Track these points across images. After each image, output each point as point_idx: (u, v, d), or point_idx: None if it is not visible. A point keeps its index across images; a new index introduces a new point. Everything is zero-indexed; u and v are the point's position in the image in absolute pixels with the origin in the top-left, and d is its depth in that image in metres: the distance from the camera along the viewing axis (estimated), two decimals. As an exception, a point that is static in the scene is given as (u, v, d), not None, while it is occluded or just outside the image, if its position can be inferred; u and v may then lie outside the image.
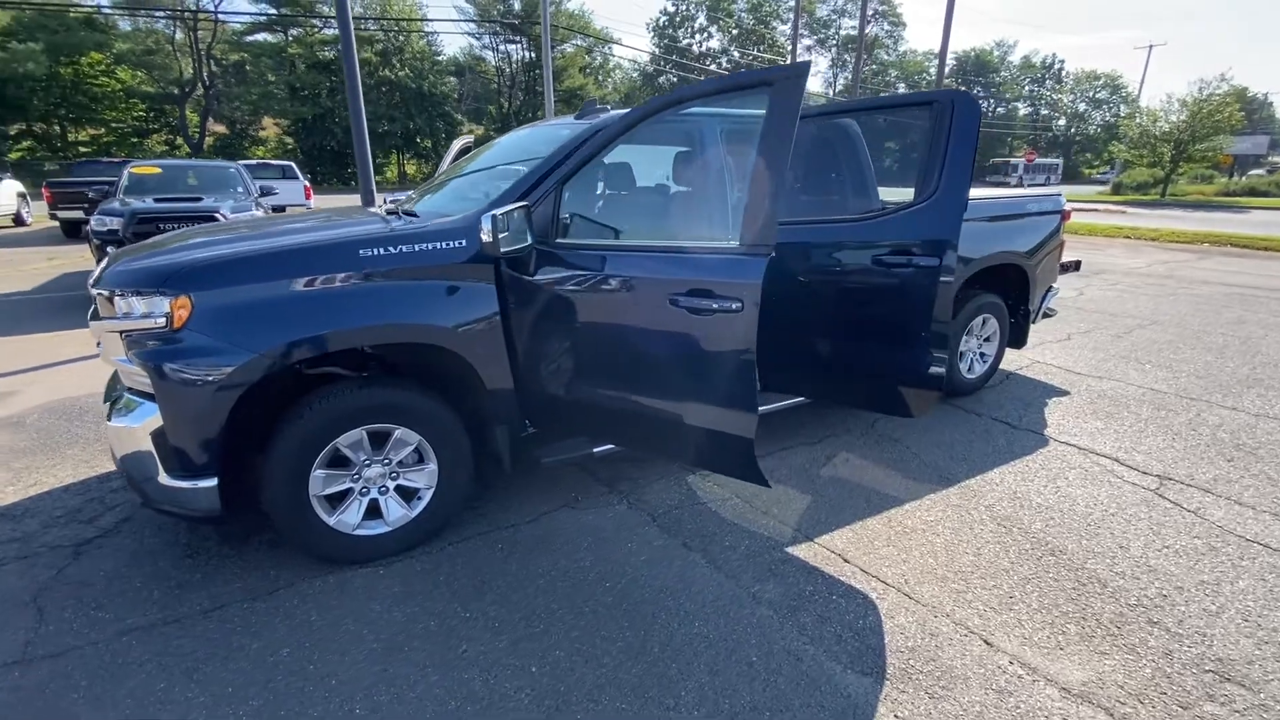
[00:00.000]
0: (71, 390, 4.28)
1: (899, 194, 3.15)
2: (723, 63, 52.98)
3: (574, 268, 2.36)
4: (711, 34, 54.72)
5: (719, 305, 2.04)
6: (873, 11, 56.76)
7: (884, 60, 62.22)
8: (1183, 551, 2.57)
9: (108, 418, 2.26)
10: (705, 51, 53.93)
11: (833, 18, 60.36)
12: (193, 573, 2.40)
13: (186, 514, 2.23)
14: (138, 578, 2.37)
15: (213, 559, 2.48)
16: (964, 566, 2.47)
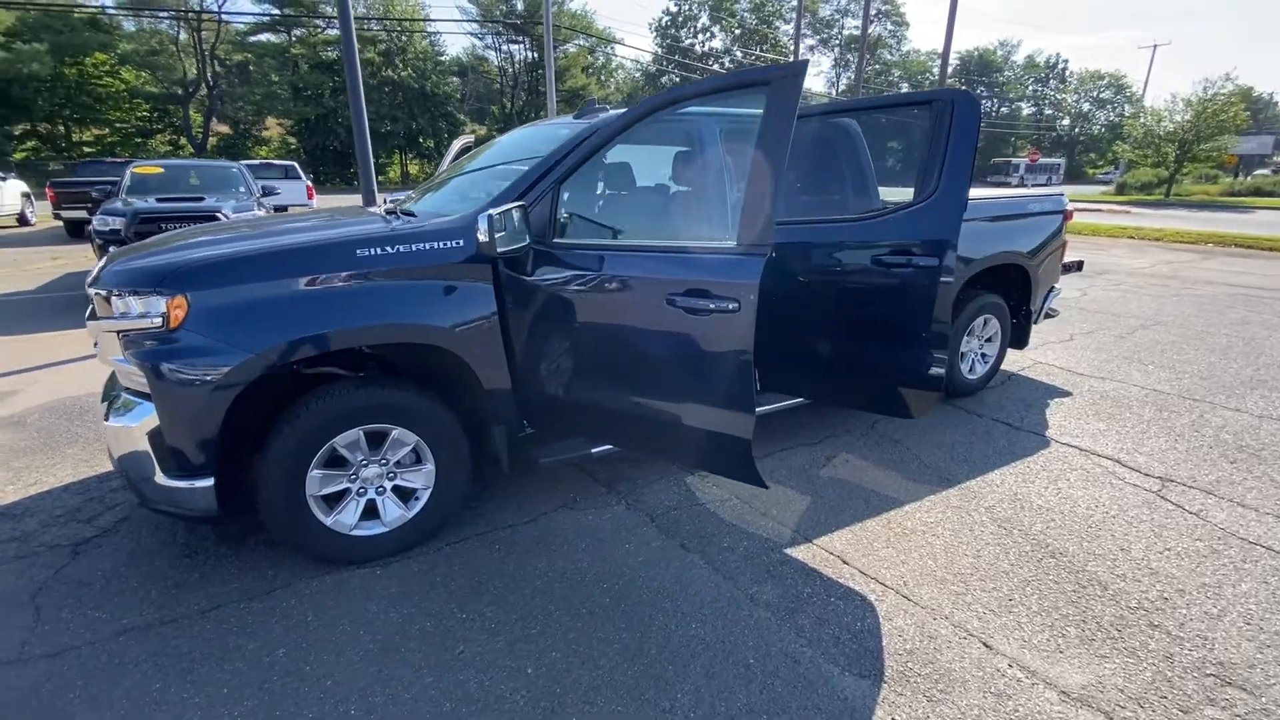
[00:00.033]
0: (73, 390, 4.29)
1: (903, 194, 3.14)
2: (725, 63, 52.94)
3: (571, 267, 2.35)
4: (714, 34, 54.75)
5: (716, 305, 2.03)
6: (876, 11, 56.68)
7: (887, 60, 62.15)
8: (1184, 554, 2.55)
9: (105, 417, 2.26)
10: (708, 52, 53.93)
11: (836, 17, 60.34)
12: (190, 573, 2.40)
13: (183, 514, 2.23)
14: (135, 577, 2.37)
15: (210, 559, 2.48)
16: (963, 568, 2.46)
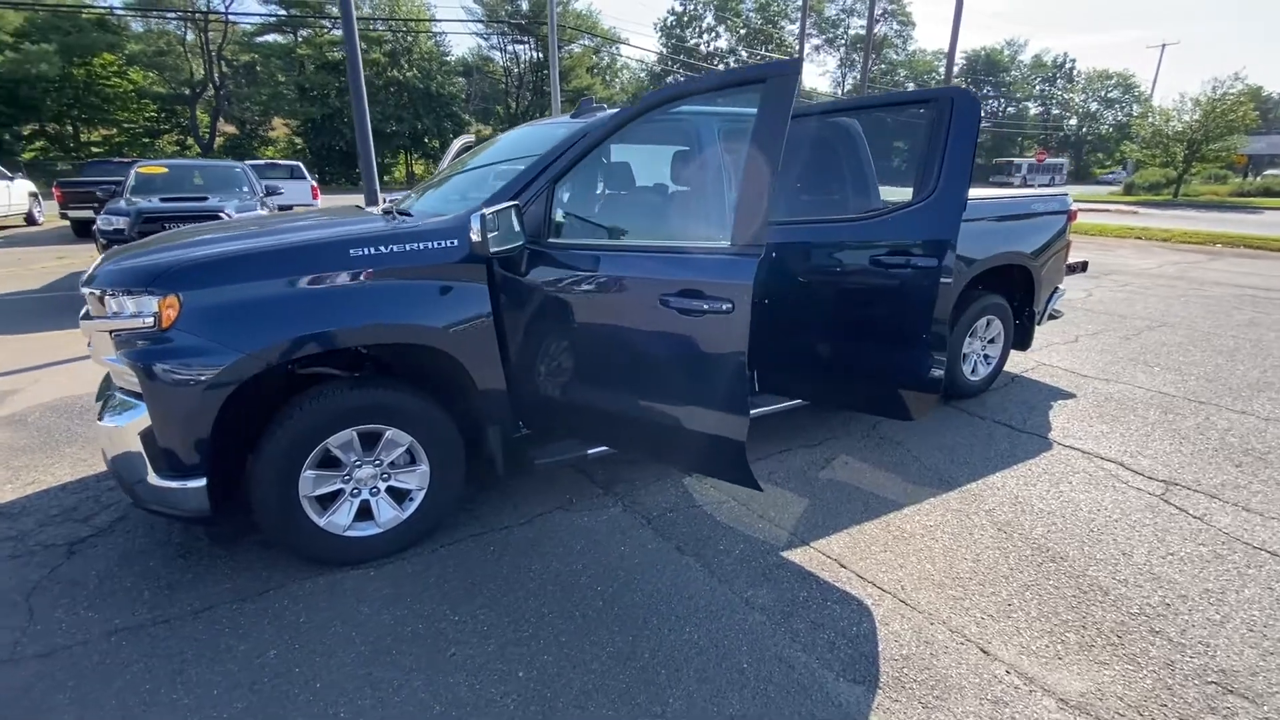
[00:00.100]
0: (74, 389, 4.30)
1: (907, 194, 3.10)
2: (730, 62, 52.78)
3: (565, 268, 2.34)
4: (719, 34, 54.66)
5: (709, 306, 2.01)
6: (881, 11, 56.50)
7: (893, 60, 61.93)
8: (1187, 559, 2.51)
9: (99, 417, 2.26)
10: (713, 51, 53.85)
11: (841, 17, 60.19)
12: (184, 573, 2.40)
13: (176, 514, 2.23)
14: (129, 577, 2.37)
15: (204, 559, 2.47)
16: (962, 572, 2.43)
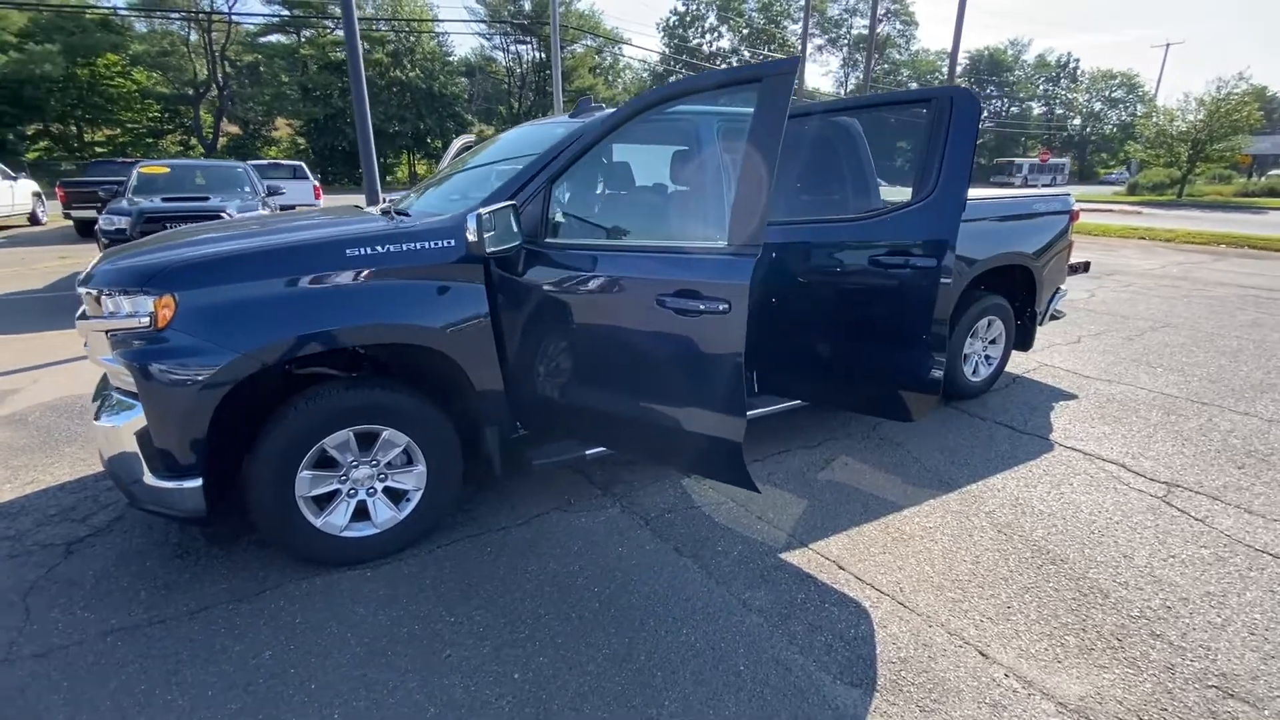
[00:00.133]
0: (75, 389, 4.30)
1: (908, 194, 3.08)
2: (733, 63, 52.76)
3: (562, 268, 2.33)
4: (722, 34, 54.61)
5: (706, 307, 2.00)
6: (884, 10, 56.41)
7: (896, 60, 61.79)
8: (1189, 561, 2.50)
9: (95, 417, 2.26)
10: (715, 51, 53.81)
11: (844, 17, 60.07)
12: (181, 573, 2.39)
13: (172, 515, 2.22)
14: (125, 577, 2.37)
15: (201, 559, 2.47)
16: (961, 575, 2.42)
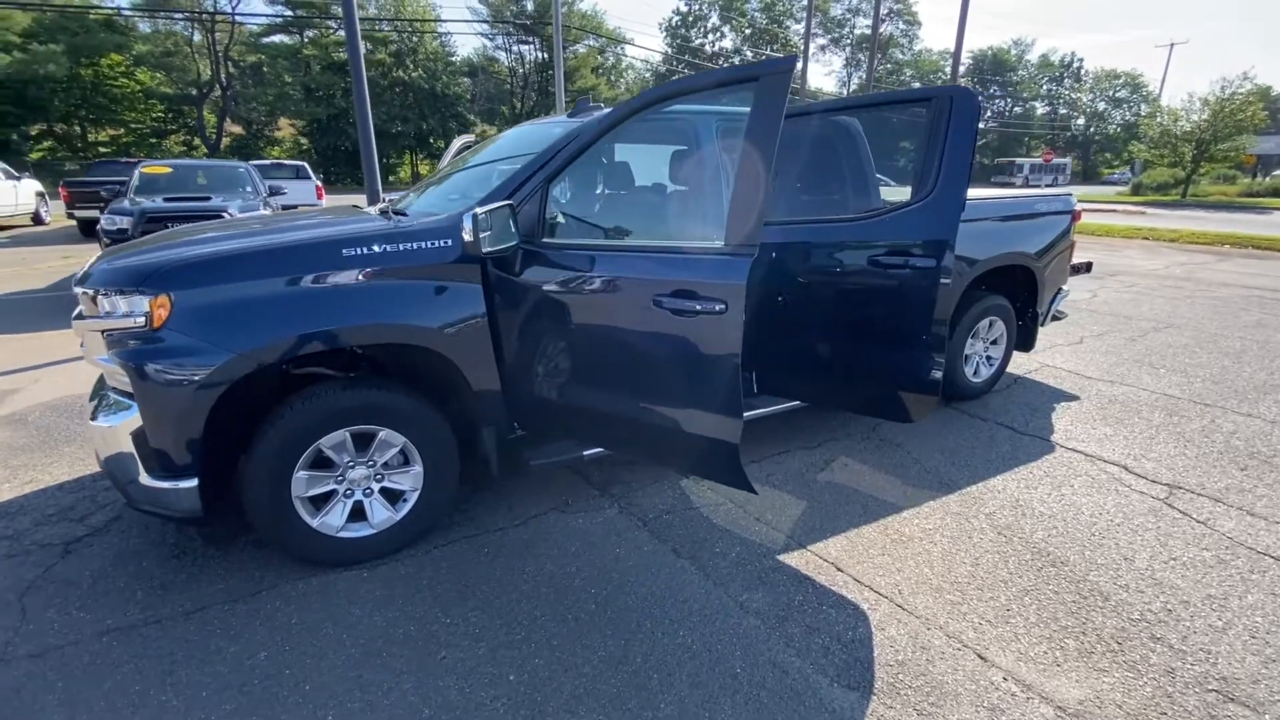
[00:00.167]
0: (75, 388, 4.30)
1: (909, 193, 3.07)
2: (735, 63, 52.74)
3: (559, 268, 2.32)
4: (724, 34, 54.58)
5: (703, 307, 1.99)
6: (887, 10, 56.31)
7: (899, 60, 61.69)
8: (1190, 564, 2.48)
9: (92, 417, 2.25)
10: (718, 51, 53.79)
11: (847, 17, 60.00)
12: (177, 573, 2.39)
13: (168, 515, 2.22)
14: (122, 577, 2.37)
15: (198, 560, 2.47)
16: (961, 577, 2.40)
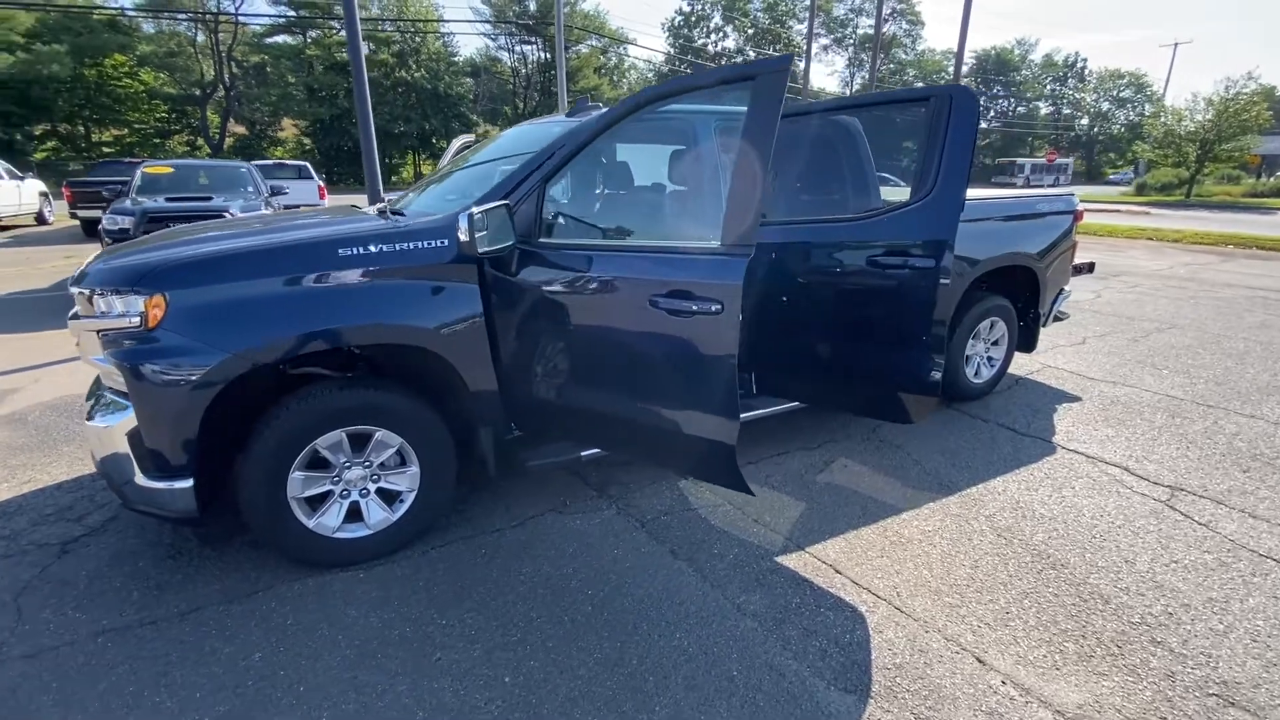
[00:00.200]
0: (75, 388, 4.30)
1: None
2: (738, 63, 52.70)
3: (556, 267, 2.31)
4: (727, 34, 54.57)
5: (698, 307, 1.98)
6: (890, 10, 56.22)
7: (902, 60, 61.58)
8: (1191, 567, 2.46)
9: (88, 418, 2.25)
10: (720, 51, 53.76)
11: (850, 16, 59.93)
12: (173, 574, 2.39)
13: (164, 515, 2.21)
14: (118, 578, 2.36)
15: (194, 560, 2.46)
16: (960, 579, 2.39)
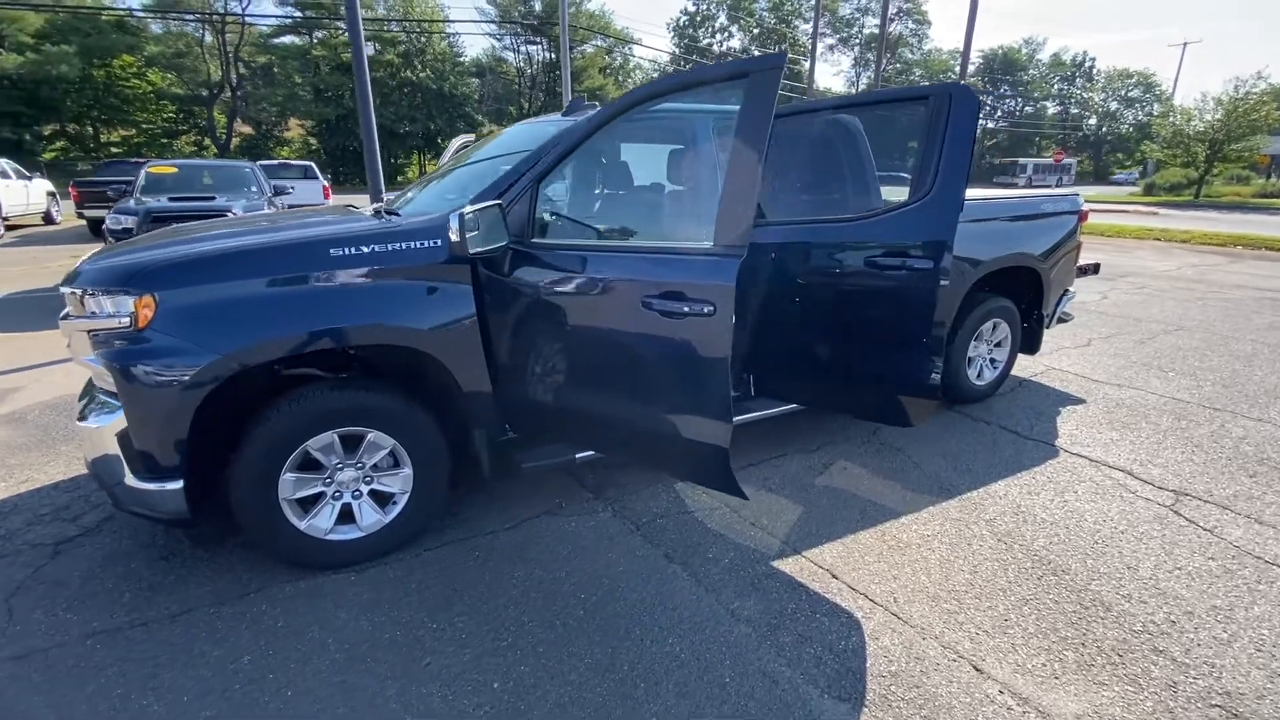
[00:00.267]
0: (75, 387, 4.29)
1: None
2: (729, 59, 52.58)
3: (549, 268, 2.29)
4: (732, 33, 54.49)
5: (691, 309, 1.95)
6: (896, 10, 56.00)
7: (908, 59, 61.34)
8: (1195, 573, 2.42)
9: (79, 418, 2.24)
10: (726, 51, 53.67)
11: (856, 16, 59.75)
12: (166, 575, 2.37)
13: (155, 517, 2.20)
14: (111, 579, 2.35)
15: (186, 561, 2.45)
16: (958, 585, 2.35)
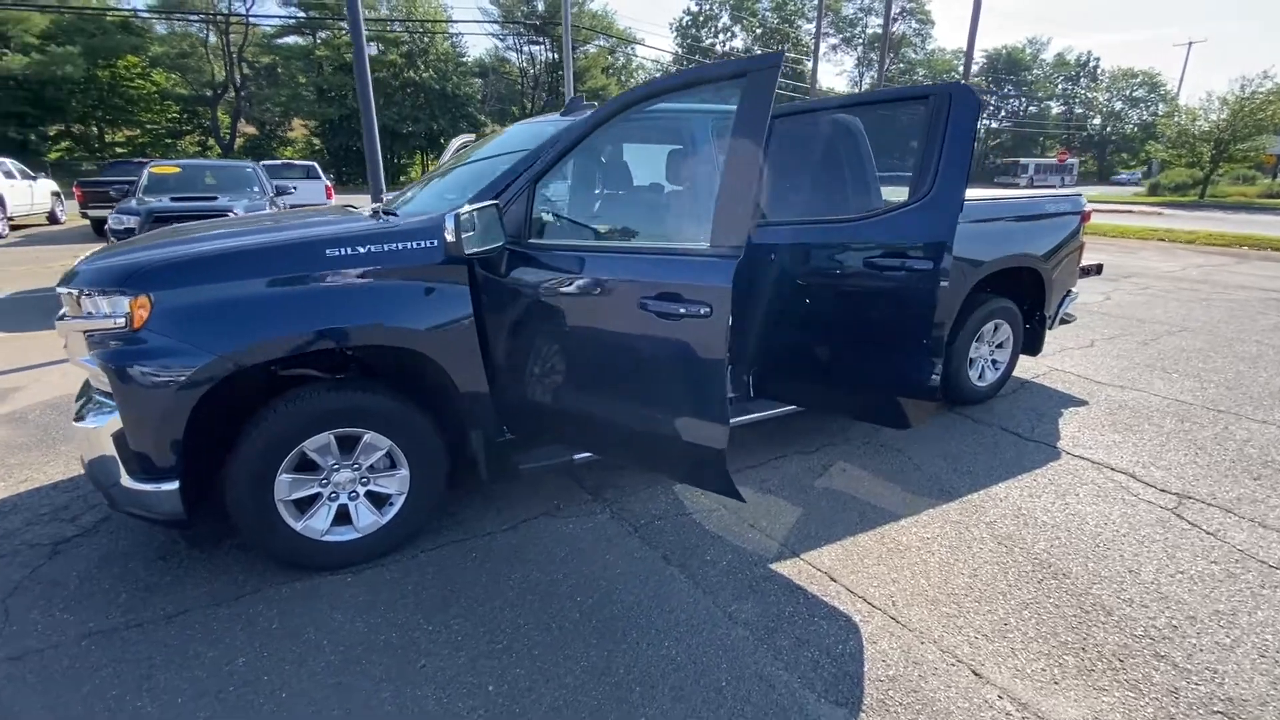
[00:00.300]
0: (76, 387, 4.31)
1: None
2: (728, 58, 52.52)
3: (546, 269, 2.28)
4: (735, 33, 54.44)
5: (687, 310, 1.94)
6: (900, 9, 55.89)
7: (912, 59, 61.21)
8: (1198, 577, 2.39)
9: (76, 419, 2.24)
10: (729, 51, 53.62)
11: (859, 15, 59.62)
12: (162, 576, 2.37)
13: (151, 518, 2.19)
14: (108, 579, 2.35)
15: (183, 562, 2.45)
16: (958, 588, 2.33)
